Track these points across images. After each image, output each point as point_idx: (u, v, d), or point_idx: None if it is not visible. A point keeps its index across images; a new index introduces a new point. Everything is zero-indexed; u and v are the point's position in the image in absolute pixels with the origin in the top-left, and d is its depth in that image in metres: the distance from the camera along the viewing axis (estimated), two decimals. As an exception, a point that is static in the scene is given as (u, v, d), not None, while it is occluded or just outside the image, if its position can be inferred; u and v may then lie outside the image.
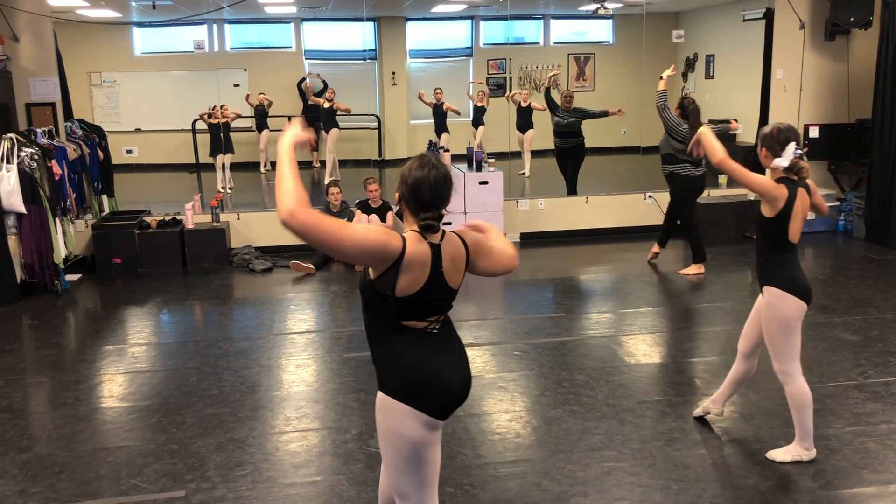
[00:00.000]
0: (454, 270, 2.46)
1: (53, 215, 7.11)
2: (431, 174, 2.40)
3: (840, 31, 8.90)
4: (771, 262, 3.70)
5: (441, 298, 2.46)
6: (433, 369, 2.45)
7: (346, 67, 13.93)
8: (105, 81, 13.17)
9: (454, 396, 2.48)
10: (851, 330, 5.68)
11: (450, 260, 2.44)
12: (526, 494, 3.60)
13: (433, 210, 2.41)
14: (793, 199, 3.61)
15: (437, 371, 2.45)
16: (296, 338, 5.86)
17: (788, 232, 3.65)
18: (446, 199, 2.44)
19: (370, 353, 2.54)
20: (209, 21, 12.86)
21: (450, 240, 2.48)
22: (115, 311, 6.72)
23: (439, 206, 2.42)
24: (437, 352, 2.47)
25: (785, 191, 3.59)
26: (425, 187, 2.39)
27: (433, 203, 2.41)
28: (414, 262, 2.35)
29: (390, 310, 2.39)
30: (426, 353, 2.45)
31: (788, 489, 3.58)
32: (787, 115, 9.21)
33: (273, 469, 3.89)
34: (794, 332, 3.68)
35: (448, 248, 2.45)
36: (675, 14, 14.18)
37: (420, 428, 2.42)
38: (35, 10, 7.78)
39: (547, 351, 5.42)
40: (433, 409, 2.43)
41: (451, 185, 2.46)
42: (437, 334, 2.49)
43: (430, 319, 2.46)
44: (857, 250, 8.20)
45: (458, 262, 2.48)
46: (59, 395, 4.88)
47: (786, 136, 3.58)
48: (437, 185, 2.40)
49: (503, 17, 13.73)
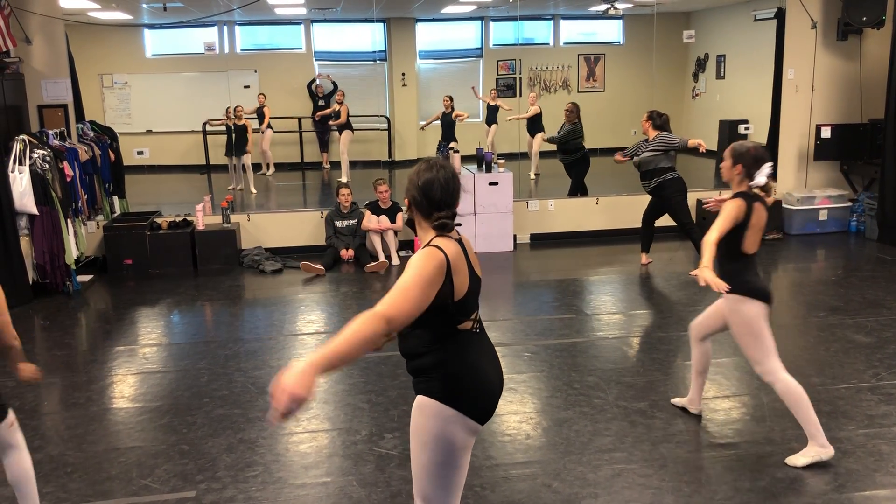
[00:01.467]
0: (476, 262, 2.53)
1: (65, 216, 7.14)
2: (440, 174, 2.44)
3: (852, 31, 8.84)
4: (726, 270, 3.82)
5: (477, 290, 2.51)
6: (482, 373, 2.47)
7: (356, 69, 13.96)
8: (116, 83, 13.24)
9: (496, 398, 2.52)
10: (864, 331, 5.64)
11: (470, 249, 2.53)
12: (536, 496, 3.59)
13: (446, 209, 2.44)
14: (749, 213, 3.76)
15: (484, 375, 2.48)
16: (306, 339, 5.87)
17: (743, 243, 3.79)
18: (457, 198, 2.47)
19: (408, 364, 2.50)
20: (220, 23, 12.91)
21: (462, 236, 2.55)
22: (127, 312, 6.75)
23: (451, 204, 2.45)
24: (481, 353, 2.50)
25: (743, 207, 3.75)
26: (436, 187, 2.42)
27: (445, 202, 2.44)
28: (458, 263, 2.39)
29: (447, 317, 2.40)
30: (475, 356, 2.47)
31: (801, 492, 3.56)
32: (798, 115, 9.17)
33: (283, 470, 3.89)
34: (762, 332, 3.81)
35: (467, 245, 2.53)
36: (686, 14, 14.13)
37: (463, 433, 2.43)
38: (47, 12, 7.82)
39: (557, 352, 5.40)
40: (479, 413, 2.46)
41: (460, 183, 2.50)
42: (479, 334, 2.52)
43: (472, 318, 2.49)
44: (870, 251, 8.14)
45: (475, 257, 2.55)
46: (70, 396, 4.90)
47: (761, 156, 3.82)
48: (447, 184, 2.44)
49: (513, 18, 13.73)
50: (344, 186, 8.31)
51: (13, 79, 7.57)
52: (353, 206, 8.25)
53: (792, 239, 8.77)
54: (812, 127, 9.20)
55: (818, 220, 8.93)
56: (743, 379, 4.90)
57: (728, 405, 4.52)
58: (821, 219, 8.94)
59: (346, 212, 8.21)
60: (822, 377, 4.85)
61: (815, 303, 6.40)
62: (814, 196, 8.94)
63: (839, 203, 8.98)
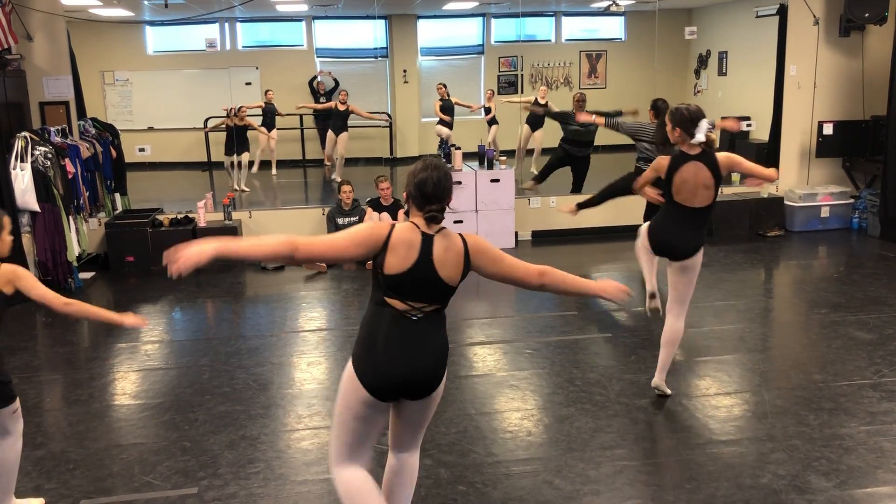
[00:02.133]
0: (447, 263, 2.68)
1: (67, 213, 7.15)
2: (434, 174, 2.71)
3: (855, 27, 8.81)
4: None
5: (429, 286, 2.68)
6: (376, 350, 2.69)
7: (358, 65, 13.94)
8: (118, 80, 13.22)
9: (394, 383, 2.69)
10: (866, 328, 5.64)
11: (442, 251, 2.68)
12: (538, 493, 3.59)
13: (437, 203, 2.70)
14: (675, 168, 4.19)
15: (376, 353, 2.69)
16: (308, 336, 5.87)
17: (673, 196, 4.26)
18: (447, 195, 2.73)
19: None
20: (221, 19, 12.89)
21: (447, 235, 2.72)
22: (128, 309, 6.69)
23: (441, 199, 2.70)
24: (400, 335, 2.69)
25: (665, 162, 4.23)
26: (429, 184, 2.69)
27: (436, 197, 2.69)
28: (399, 245, 2.65)
29: (377, 285, 2.72)
30: (382, 332, 2.70)
31: (802, 488, 3.56)
32: (800, 111, 9.15)
33: (285, 466, 3.89)
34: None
35: (442, 240, 2.70)
36: (688, 10, 14.10)
37: (356, 394, 2.72)
38: (48, 9, 7.82)
39: (559, 349, 5.40)
40: (368, 385, 2.69)
41: (451, 182, 2.75)
42: (415, 322, 2.70)
43: (412, 304, 2.68)
44: (872, 248, 8.13)
45: (453, 256, 2.69)
46: (72, 393, 4.90)
47: (696, 114, 4.15)
48: (438, 182, 2.70)
49: (515, 15, 13.70)
50: (345, 183, 8.31)
51: (15, 76, 7.57)
52: (354, 204, 8.25)
53: (794, 236, 8.76)
54: (814, 124, 9.18)
55: (820, 216, 8.92)
56: (745, 376, 4.90)
57: (730, 402, 4.52)
58: (823, 216, 8.92)
59: (348, 209, 8.21)
60: (825, 374, 4.85)
61: (818, 300, 6.40)
62: (816, 193, 8.92)
63: (841, 200, 8.96)
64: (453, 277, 2.70)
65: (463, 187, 8.41)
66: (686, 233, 4.30)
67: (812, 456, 3.84)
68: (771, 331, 5.85)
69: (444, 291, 2.72)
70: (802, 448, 3.92)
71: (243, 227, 8.45)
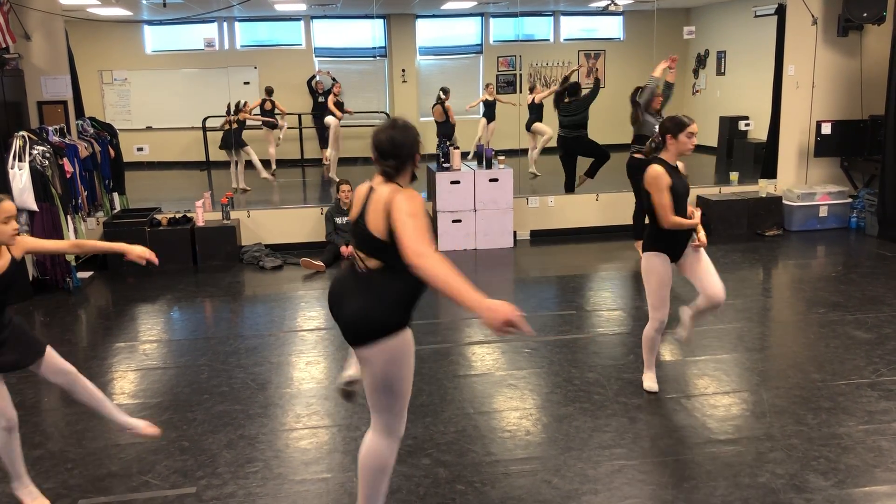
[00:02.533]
0: (375, 214, 2.79)
1: (65, 213, 7.14)
2: (388, 132, 2.84)
3: (853, 27, 8.82)
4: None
5: (363, 236, 2.84)
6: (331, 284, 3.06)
7: (356, 65, 13.94)
8: (116, 79, 13.22)
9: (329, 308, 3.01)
10: (864, 328, 5.64)
11: (374, 202, 2.81)
12: (536, 492, 3.59)
13: (391, 160, 2.83)
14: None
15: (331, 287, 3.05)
16: (306, 335, 5.87)
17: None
18: (401, 152, 2.83)
19: None
20: (219, 19, 12.89)
21: (386, 188, 2.80)
22: (127, 309, 6.75)
23: (395, 156, 2.82)
24: (342, 278, 3.00)
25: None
26: (382, 140, 2.84)
27: (389, 153, 2.83)
28: (357, 197, 2.96)
29: None
30: (342, 270, 3.05)
31: (800, 487, 3.56)
32: (799, 111, 9.16)
33: (283, 466, 3.89)
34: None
35: (378, 193, 2.82)
36: (686, 10, 14.11)
37: None
38: (47, 8, 7.81)
39: (557, 348, 5.40)
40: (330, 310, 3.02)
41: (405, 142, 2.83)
42: (357, 274, 2.89)
43: (358, 253, 2.89)
44: (870, 247, 8.14)
45: (379, 209, 2.77)
46: (70, 392, 4.89)
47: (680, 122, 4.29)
48: (391, 139, 2.83)
49: (513, 14, 13.71)
50: (344, 182, 8.31)
51: (13, 75, 7.56)
52: (353, 203, 8.24)
53: (792, 235, 8.77)
54: (812, 123, 9.19)
55: (818, 216, 8.93)
56: (743, 375, 4.91)
57: (728, 401, 4.52)
58: (821, 215, 8.93)
59: (347, 208, 8.20)
60: (823, 373, 4.85)
61: (816, 299, 6.40)
62: (814, 192, 8.93)
63: (839, 199, 8.97)
64: (380, 230, 2.76)
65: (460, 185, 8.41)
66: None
67: (810, 455, 3.85)
68: (769, 330, 5.86)
69: (376, 245, 2.79)
70: (801, 447, 3.92)
71: (242, 227, 8.44)
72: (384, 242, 2.75)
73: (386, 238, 2.74)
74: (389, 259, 2.76)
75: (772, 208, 8.90)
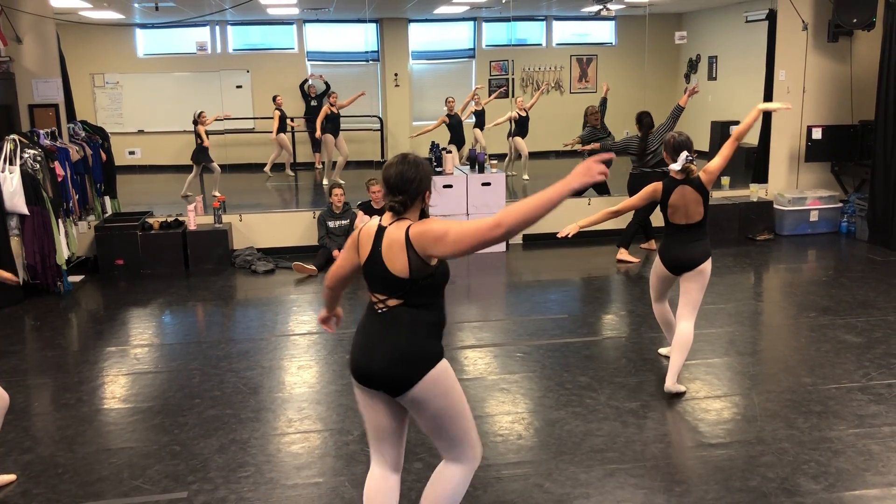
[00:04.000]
0: (392, 255, 2.68)
1: (56, 216, 7.11)
2: (398, 167, 2.72)
3: (843, 33, 8.88)
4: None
5: (381, 277, 2.72)
6: (355, 340, 2.85)
7: (349, 69, 13.94)
8: (108, 83, 13.18)
9: (357, 368, 2.81)
10: (855, 332, 5.67)
11: (388, 243, 2.69)
12: (528, 496, 3.59)
13: (399, 195, 2.70)
14: (668, 192, 4.59)
15: (356, 337, 2.84)
16: (298, 339, 5.86)
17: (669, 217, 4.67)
18: (409, 187, 2.70)
19: None
20: (212, 22, 12.87)
21: (398, 226, 2.70)
22: (118, 313, 6.72)
23: (403, 191, 2.70)
24: (366, 324, 2.82)
25: (660, 188, 4.63)
26: (391, 174, 2.72)
27: (397, 188, 2.70)
28: (364, 237, 2.80)
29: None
30: (363, 320, 2.86)
31: (792, 491, 3.57)
32: (790, 116, 9.20)
33: (275, 470, 3.88)
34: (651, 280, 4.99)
35: (391, 232, 2.70)
36: (678, 15, 14.16)
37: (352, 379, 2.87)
38: (38, 11, 7.78)
39: (549, 353, 5.41)
40: (350, 366, 2.85)
41: (417, 177, 2.71)
42: (380, 315, 2.76)
43: (377, 296, 2.76)
44: (861, 252, 8.18)
45: (396, 248, 2.66)
46: (61, 397, 4.88)
47: (679, 145, 4.59)
48: (400, 174, 2.70)
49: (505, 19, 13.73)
50: (336, 186, 8.30)
51: (4, 78, 7.54)
52: (345, 207, 8.25)
53: (783, 239, 8.81)
54: (803, 128, 9.24)
55: (809, 220, 8.97)
56: (734, 379, 4.92)
57: (719, 405, 4.54)
58: (812, 220, 8.97)
59: (339, 212, 8.20)
60: (813, 377, 4.87)
61: (806, 303, 6.43)
62: (805, 197, 8.97)
63: (830, 204, 9.02)
64: (401, 269, 2.65)
65: (452, 190, 8.42)
66: (689, 246, 4.63)
67: (801, 459, 3.86)
68: (760, 334, 5.88)
69: (398, 284, 2.67)
70: (791, 451, 3.94)
71: (234, 231, 8.43)
72: (406, 280, 2.66)
73: (407, 275, 2.65)
74: (412, 295, 2.70)
75: (763, 213, 8.93)
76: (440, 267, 2.71)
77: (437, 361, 2.74)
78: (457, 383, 2.82)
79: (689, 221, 4.60)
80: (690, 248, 4.61)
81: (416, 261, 2.63)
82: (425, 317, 2.74)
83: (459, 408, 2.81)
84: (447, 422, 2.79)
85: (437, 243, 2.57)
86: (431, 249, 2.60)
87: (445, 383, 2.75)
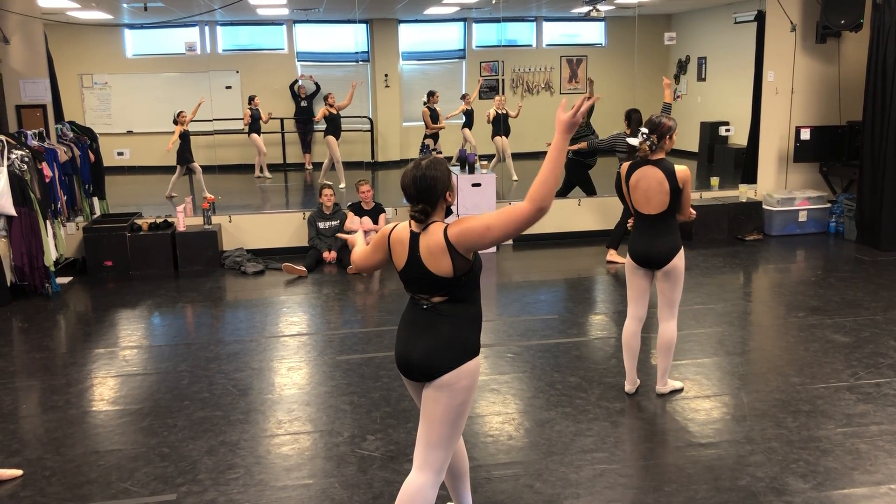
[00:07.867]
0: (432, 257, 2.71)
1: (44, 218, 7.07)
2: (412, 173, 2.74)
3: (831, 34, 8.93)
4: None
5: (424, 279, 2.76)
6: (399, 334, 2.92)
7: (339, 69, 13.92)
8: (96, 83, 13.12)
9: (401, 359, 2.87)
10: (843, 331, 5.70)
11: (427, 249, 2.72)
12: (518, 496, 3.59)
13: (419, 203, 2.73)
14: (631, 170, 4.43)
15: (400, 330, 2.93)
16: (288, 340, 5.84)
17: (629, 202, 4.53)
18: (426, 197, 2.72)
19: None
20: (201, 23, 12.82)
21: (432, 231, 2.73)
22: (106, 314, 6.69)
23: (420, 199, 2.72)
24: (409, 317, 2.89)
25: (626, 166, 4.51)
26: (407, 183, 2.75)
27: (414, 197, 2.74)
28: (397, 244, 2.83)
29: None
30: (405, 314, 2.93)
31: (780, 490, 3.58)
32: (778, 117, 9.25)
33: (265, 472, 3.87)
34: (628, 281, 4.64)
35: (426, 238, 2.73)
36: (667, 16, 14.22)
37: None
38: (25, 11, 7.74)
39: (540, 353, 5.42)
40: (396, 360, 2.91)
41: (433, 184, 2.71)
42: (425, 310, 2.82)
43: (419, 295, 2.83)
44: (849, 252, 8.22)
45: (438, 252, 2.70)
46: (49, 399, 4.85)
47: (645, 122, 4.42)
48: (414, 180, 2.72)
49: (496, 20, 13.75)
50: (326, 187, 8.29)
51: (-9, 79, 7.49)
52: (335, 208, 8.23)
53: (772, 240, 8.85)
54: (792, 129, 9.28)
55: (797, 221, 9.01)
56: (723, 379, 4.94)
57: (709, 405, 4.55)
58: (800, 220, 9.02)
59: (329, 213, 8.19)
60: (802, 377, 4.89)
61: (795, 303, 6.46)
62: (793, 197, 9.02)
63: (818, 204, 9.07)
64: (445, 270, 2.70)
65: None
66: (655, 240, 4.39)
67: (790, 458, 3.88)
68: (749, 334, 5.90)
69: (443, 283, 2.73)
70: (780, 450, 3.95)
71: (223, 232, 8.40)
72: (451, 279, 2.72)
73: (452, 274, 2.71)
74: (455, 291, 2.76)
75: (752, 213, 8.97)
76: (476, 259, 2.78)
77: (474, 355, 2.83)
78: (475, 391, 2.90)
79: (651, 211, 4.36)
80: (658, 242, 4.37)
81: (459, 259, 2.70)
82: (468, 310, 2.82)
83: (464, 415, 2.86)
84: (457, 418, 2.82)
85: (481, 239, 2.65)
86: (476, 245, 2.68)
87: (473, 380, 2.83)
